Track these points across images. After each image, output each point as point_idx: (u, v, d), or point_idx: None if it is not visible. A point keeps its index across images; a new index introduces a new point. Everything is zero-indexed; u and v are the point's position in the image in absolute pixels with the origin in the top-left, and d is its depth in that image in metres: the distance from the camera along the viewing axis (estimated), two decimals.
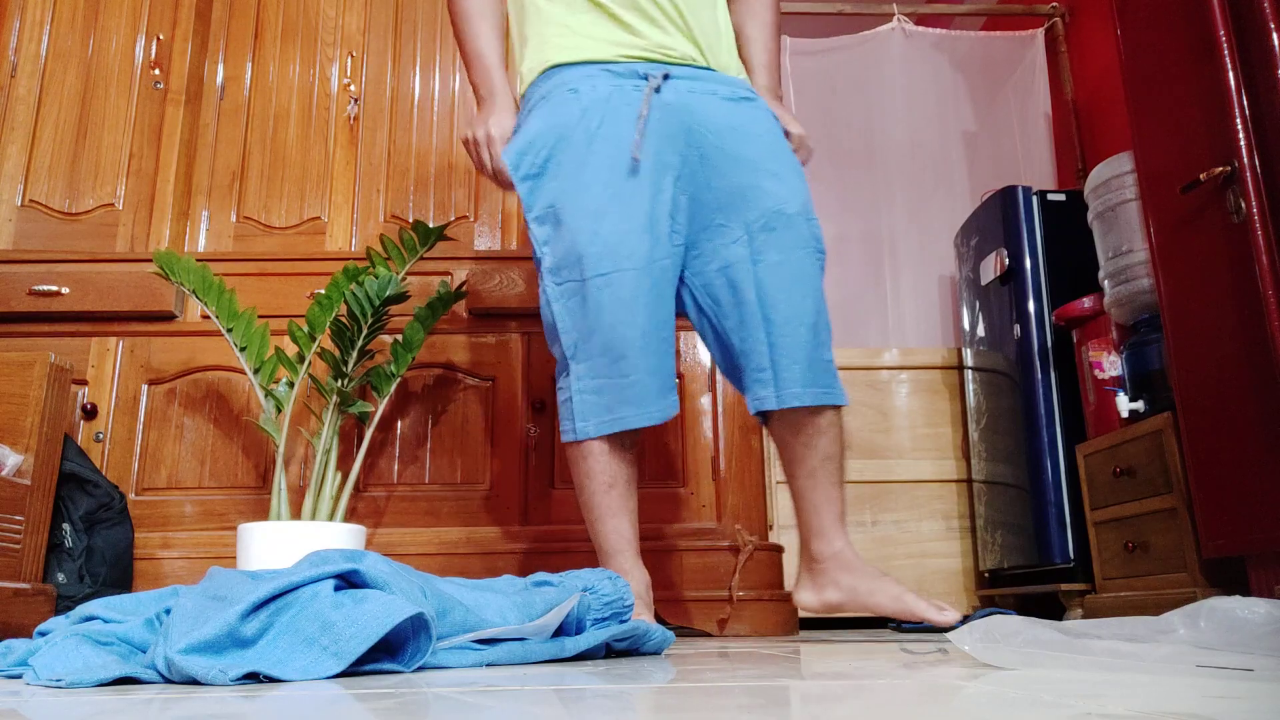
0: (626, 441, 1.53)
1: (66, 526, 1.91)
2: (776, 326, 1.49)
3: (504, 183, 1.60)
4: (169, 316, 2.26)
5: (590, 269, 1.48)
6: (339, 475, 1.96)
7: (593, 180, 1.50)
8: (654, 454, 2.22)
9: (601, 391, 1.49)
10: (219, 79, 2.58)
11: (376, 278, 1.93)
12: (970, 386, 3.05)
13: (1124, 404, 2.31)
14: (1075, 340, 2.69)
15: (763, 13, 1.75)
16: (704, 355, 2.28)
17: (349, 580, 0.93)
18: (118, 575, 1.99)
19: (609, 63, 1.56)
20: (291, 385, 1.99)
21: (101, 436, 2.18)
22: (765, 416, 1.57)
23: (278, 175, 2.52)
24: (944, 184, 3.70)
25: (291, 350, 2.10)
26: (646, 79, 1.53)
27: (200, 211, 2.49)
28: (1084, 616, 2.50)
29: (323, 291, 1.96)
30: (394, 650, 0.91)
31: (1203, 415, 1.97)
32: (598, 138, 1.51)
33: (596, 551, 1.57)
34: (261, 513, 2.12)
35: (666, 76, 1.54)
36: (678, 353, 2.24)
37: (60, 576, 1.87)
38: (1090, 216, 2.59)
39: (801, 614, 2.03)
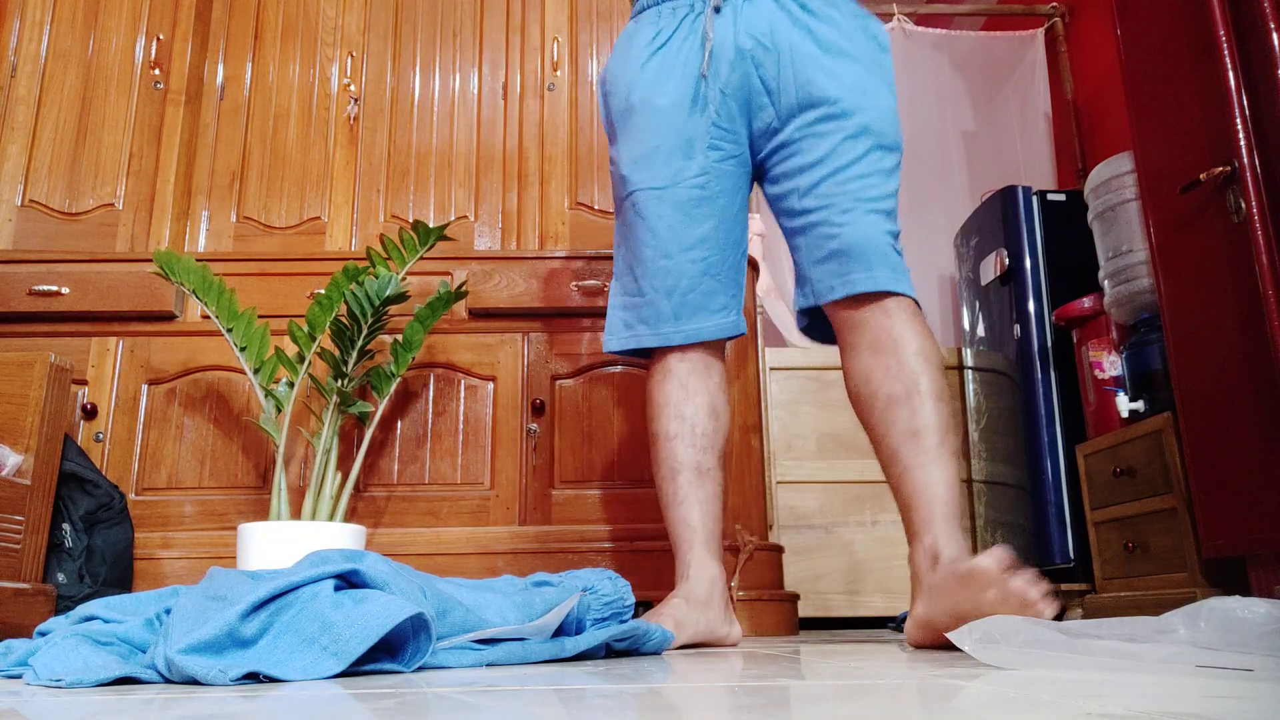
0: (697, 430, 1.51)
1: (66, 526, 1.91)
2: (821, 224, 1.42)
3: None
4: (169, 316, 2.26)
5: (623, 189, 1.54)
6: (339, 475, 1.96)
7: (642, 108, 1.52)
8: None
9: (625, 309, 1.55)
10: (219, 79, 2.58)
11: (376, 278, 1.93)
12: (970, 386, 3.05)
13: (1124, 404, 2.31)
14: (1075, 340, 2.69)
15: None
16: None
17: (349, 580, 0.93)
18: (118, 575, 1.99)
19: None
20: (291, 385, 1.99)
21: (101, 436, 2.18)
22: (848, 395, 1.44)
23: (278, 175, 2.52)
24: (944, 184, 3.70)
25: (291, 350, 2.10)
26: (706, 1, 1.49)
27: (200, 211, 2.49)
28: (1084, 616, 2.50)
29: (323, 291, 1.96)
30: (394, 650, 0.91)
31: (1203, 415, 1.97)
32: (651, 66, 1.52)
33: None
34: (261, 513, 2.12)
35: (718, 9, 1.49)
36: None
37: (60, 576, 1.87)
38: (1090, 216, 2.59)
39: (801, 615, 2.03)
